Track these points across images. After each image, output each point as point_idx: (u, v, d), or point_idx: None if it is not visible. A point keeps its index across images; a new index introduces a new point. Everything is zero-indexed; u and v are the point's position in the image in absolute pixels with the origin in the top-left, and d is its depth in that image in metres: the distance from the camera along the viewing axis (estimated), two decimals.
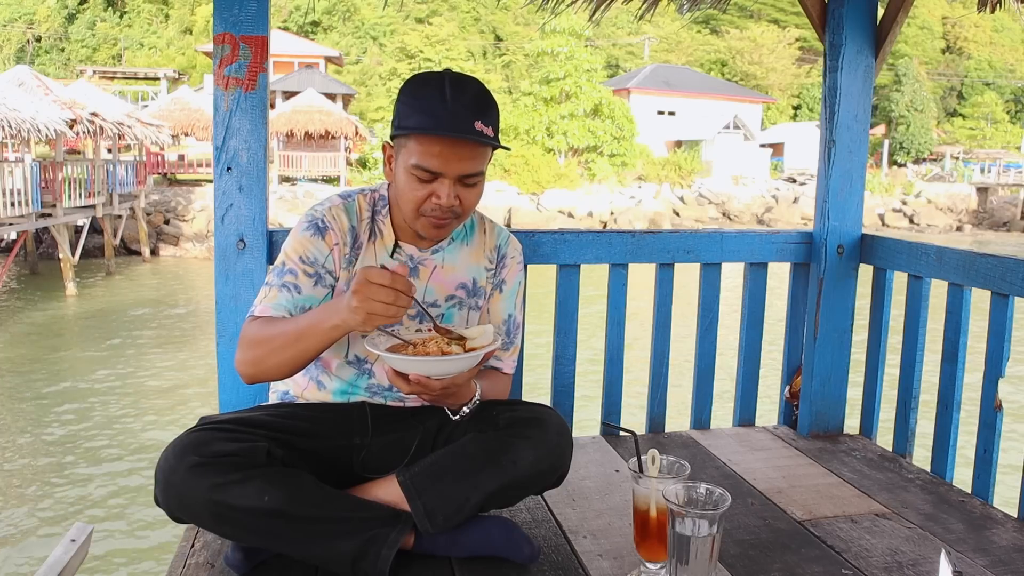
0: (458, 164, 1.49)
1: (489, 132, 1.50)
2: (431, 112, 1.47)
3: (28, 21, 44.80)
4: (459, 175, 1.50)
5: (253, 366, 1.51)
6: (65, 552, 2.01)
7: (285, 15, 42.06)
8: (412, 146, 1.50)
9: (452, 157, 1.48)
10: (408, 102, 1.51)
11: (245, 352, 1.52)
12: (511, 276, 1.77)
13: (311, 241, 1.58)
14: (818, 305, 2.41)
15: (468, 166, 1.51)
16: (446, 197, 1.50)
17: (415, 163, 1.49)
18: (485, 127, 1.49)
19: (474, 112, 1.48)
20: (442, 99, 1.47)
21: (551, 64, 29.67)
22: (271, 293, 1.56)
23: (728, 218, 28.05)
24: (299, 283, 1.55)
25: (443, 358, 1.42)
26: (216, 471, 1.39)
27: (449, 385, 1.45)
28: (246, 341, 1.52)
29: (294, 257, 1.57)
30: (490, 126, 1.51)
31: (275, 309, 1.54)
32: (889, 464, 2.24)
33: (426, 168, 1.49)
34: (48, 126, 13.32)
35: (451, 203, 1.51)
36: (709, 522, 1.31)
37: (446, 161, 1.48)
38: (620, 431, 2.09)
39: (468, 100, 1.49)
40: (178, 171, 23.98)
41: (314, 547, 1.44)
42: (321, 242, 1.58)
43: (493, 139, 1.52)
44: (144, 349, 10.67)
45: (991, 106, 48.36)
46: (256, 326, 1.52)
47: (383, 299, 1.33)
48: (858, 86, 2.36)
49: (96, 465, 6.75)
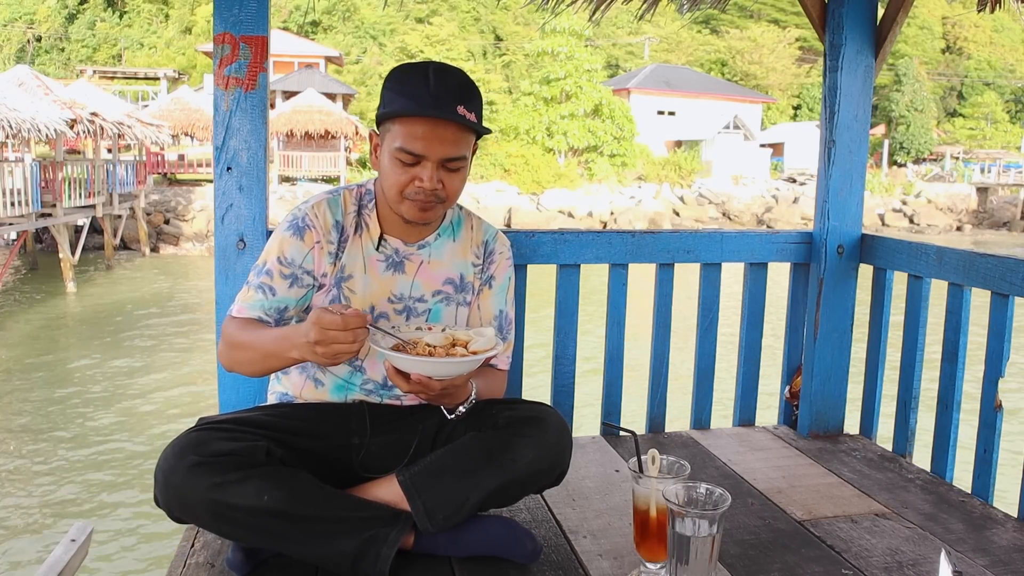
0: (440, 147, 1.51)
1: (472, 118, 1.52)
2: (414, 96, 1.49)
3: (28, 21, 44.78)
4: (442, 158, 1.52)
5: (231, 363, 1.60)
6: (65, 552, 2.01)
7: (285, 15, 42.05)
8: (396, 130, 1.52)
9: (435, 140, 1.50)
10: (392, 87, 1.54)
11: (224, 349, 1.60)
12: (500, 272, 1.77)
13: (290, 241, 1.59)
14: (818, 305, 2.41)
15: (450, 149, 1.52)
16: (428, 180, 1.52)
17: (398, 146, 1.51)
18: (468, 112, 1.51)
19: (457, 97, 1.51)
20: (425, 84, 1.50)
21: (551, 64, 29.68)
22: (248, 292, 1.59)
23: (728, 218, 28.04)
24: (274, 285, 1.58)
25: (446, 360, 1.43)
26: (215, 470, 1.40)
27: (448, 386, 1.46)
28: (225, 341, 1.59)
29: (272, 257, 1.59)
30: (473, 112, 1.53)
31: (250, 309, 1.58)
32: (889, 464, 2.24)
33: (409, 150, 1.50)
34: (48, 126, 13.33)
35: (434, 187, 1.53)
36: (709, 522, 1.32)
37: (428, 143, 1.50)
38: (620, 431, 2.09)
39: (451, 86, 1.52)
40: (178, 171, 23.99)
41: (314, 547, 1.44)
42: (300, 242, 1.59)
43: (476, 123, 1.53)
44: (144, 348, 10.67)
45: (991, 106, 48.35)
46: (233, 328, 1.57)
47: (343, 340, 1.35)
48: (858, 86, 2.37)
49: (96, 464, 6.75)
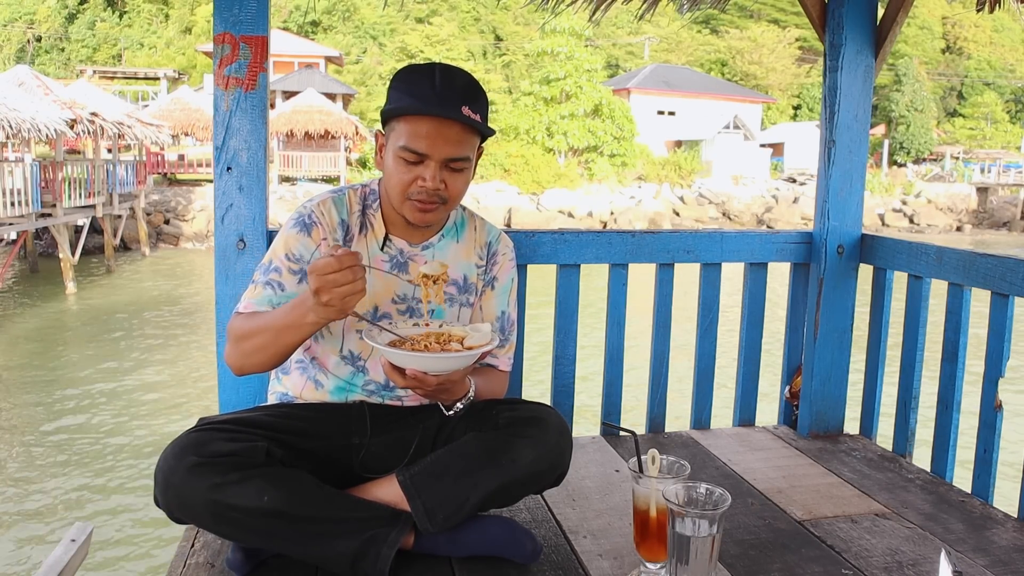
0: (444, 146, 1.50)
1: (477, 119, 1.52)
2: (420, 95, 1.49)
3: (28, 21, 44.78)
4: (445, 158, 1.51)
5: (241, 359, 1.55)
6: (65, 552, 2.01)
7: (285, 15, 42.05)
8: (400, 128, 1.52)
9: (438, 138, 1.49)
10: (398, 87, 1.54)
11: (233, 347, 1.56)
12: (503, 273, 1.77)
13: (297, 238, 1.59)
14: (818, 305, 2.41)
15: (454, 149, 1.51)
16: (431, 180, 1.51)
17: (403, 144, 1.51)
18: (473, 113, 1.51)
19: (462, 97, 1.50)
20: (431, 84, 1.50)
21: (551, 64, 29.67)
22: (256, 290, 1.58)
23: (728, 218, 28.03)
24: (283, 280, 1.57)
25: (441, 355, 1.43)
26: (215, 471, 1.40)
27: (444, 381, 1.46)
28: (233, 336, 1.56)
29: (280, 254, 1.59)
30: (478, 113, 1.52)
31: (258, 305, 1.57)
32: (889, 464, 2.24)
33: (413, 149, 1.50)
34: (48, 126, 13.32)
35: (436, 186, 1.52)
36: (709, 522, 1.31)
37: (432, 142, 1.49)
38: (620, 431, 2.09)
39: (457, 86, 1.52)
40: (178, 171, 23.99)
41: (314, 547, 1.44)
42: (308, 239, 1.59)
43: (480, 124, 1.53)
44: (144, 348, 10.66)
45: (991, 106, 48.34)
46: (240, 321, 1.55)
47: (344, 281, 1.33)
48: (858, 86, 2.37)
49: (96, 464, 6.75)
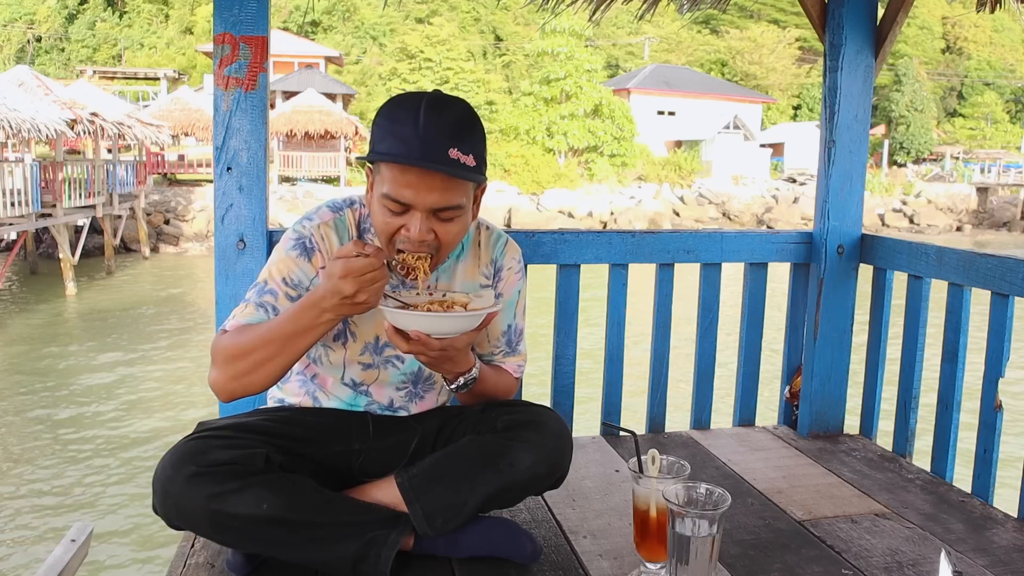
0: (429, 196, 1.37)
1: (468, 160, 1.37)
2: (402, 137, 1.35)
3: (28, 21, 44.76)
4: (431, 208, 1.39)
5: (233, 380, 1.43)
6: (65, 552, 2.01)
7: (285, 15, 42.03)
8: (384, 173, 1.40)
9: (423, 188, 1.36)
10: (382, 124, 1.41)
11: (223, 369, 1.44)
12: (509, 287, 1.68)
13: (296, 262, 1.50)
14: (818, 305, 2.41)
15: (441, 198, 1.38)
16: (416, 231, 1.39)
17: (385, 192, 1.39)
18: (463, 155, 1.36)
19: (449, 139, 1.35)
20: (415, 124, 1.35)
21: (551, 64, 29.69)
22: (247, 309, 1.49)
23: (728, 218, 28.03)
24: (278, 305, 1.48)
25: (444, 314, 1.39)
26: (214, 480, 1.38)
27: (448, 347, 1.40)
28: (222, 357, 1.43)
29: (277, 278, 1.50)
30: (470, 154, 1.38)
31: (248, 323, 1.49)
32: (889, 464, 2.24)
33: (395, 199, 1.38)
34: (48, 126, 13.33)
35: (423, 237, 1.40)
36: (709, 522, 1.31)
37: (416, 193, 1.37)
38: (620, 431, 2.09)
39: (444, 125, 1.36)
40: (178, 171, 23.99)
41: (314, 552, 1.44)
42: (307, 264, 1.51)
43: (470, 170, 1.38)
44: (144, 348, 10.66)
45: (991, 106, 48.35)
46: (228, 340, 1.44)
47: (381, 277, 1.32)
48: (858, 86, 2.36)
49: (96, 464, 6.75)
